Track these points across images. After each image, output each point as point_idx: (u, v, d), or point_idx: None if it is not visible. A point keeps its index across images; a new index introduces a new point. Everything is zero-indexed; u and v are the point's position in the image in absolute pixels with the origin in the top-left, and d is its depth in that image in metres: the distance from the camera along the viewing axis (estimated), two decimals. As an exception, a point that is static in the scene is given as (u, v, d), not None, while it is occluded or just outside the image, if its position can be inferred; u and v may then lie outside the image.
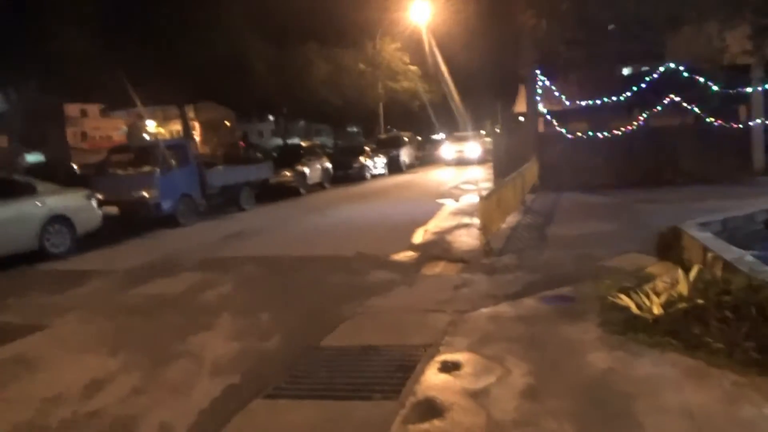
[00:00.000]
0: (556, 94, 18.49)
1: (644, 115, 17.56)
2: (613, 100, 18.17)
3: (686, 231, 6.15)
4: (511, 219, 10.60)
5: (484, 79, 36.54)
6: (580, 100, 18.59)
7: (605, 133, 17.60)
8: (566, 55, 19.83)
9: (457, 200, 14.94)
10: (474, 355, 4.35)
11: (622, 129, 17.52)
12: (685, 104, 17.05)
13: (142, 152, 14.05)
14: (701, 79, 17.01)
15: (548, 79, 18.20)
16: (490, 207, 8.44)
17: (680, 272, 4.80)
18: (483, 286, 6.44)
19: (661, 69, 17.86)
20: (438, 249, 8.84)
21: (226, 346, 5.08)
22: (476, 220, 11.21)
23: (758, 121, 16.57)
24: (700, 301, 4.37)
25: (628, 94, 18.09)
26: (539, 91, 18.20)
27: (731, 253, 4.90)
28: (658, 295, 4.80)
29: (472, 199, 14.94)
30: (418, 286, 6.78)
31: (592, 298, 5.55)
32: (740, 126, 16.72)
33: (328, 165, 22.21)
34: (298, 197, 18.62)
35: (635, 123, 17.60)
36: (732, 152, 16.48)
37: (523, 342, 4.54)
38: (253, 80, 24.94)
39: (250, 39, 23.25)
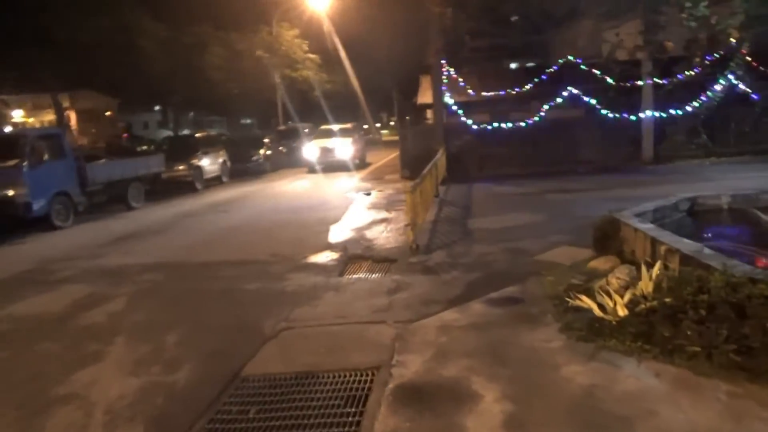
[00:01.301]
0: (462, 84, 18.42)
1: (545, 107, 17.91)
2: (515, 92, 18.44)
3: (626, 222, 5.91)
4: (429, 212, 10.14)
5: (384, 69, 36.31)
6: (483, 91, 18.67)
7: (509, 124, 17.78)
8: (471, 45, 19.89)
9: (368, 193, 14.31)
10: (434, 378, 3.71)
11: (526, 120, 17.78)
12: (583, 96, 17.58)
13: (6, 143, 12.05)
14: (597, 72, 17.63)
15: (453, 70, 18.07)
16: (416, 200, 7.87)
17: (643, 269, 4.45)
18: (420, 288, 5.83)
19: (560, 62, 18.34)
20: (359, 247, 8.15)
21: (122, 384, 4.07)
22: (393, 215, 10.69)
23: (648, 113, 17.42)
24: (668, 300, 4.02)
25: (530, 85, 18.43)
26: (445, 81, 18.03)
27: (687, 245, 4.64)
28: (619, 294, 4.43)
29: (385, 191, 14.42)
30: (347, 291, 6.04)
31: (542, 297, 5.13)
32: (632, 118, 17.48)
33: (226, 158, 20.75)
34: (195, 193, 17.12)
35: (537, 114, 17.93)
36: (625, 142, 17.26)
37: (485, 357, 3.96)
38: (139, 63, 22.76)
39: (135, 15, 21.15)
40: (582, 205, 10.37)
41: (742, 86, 16.54)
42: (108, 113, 43.67)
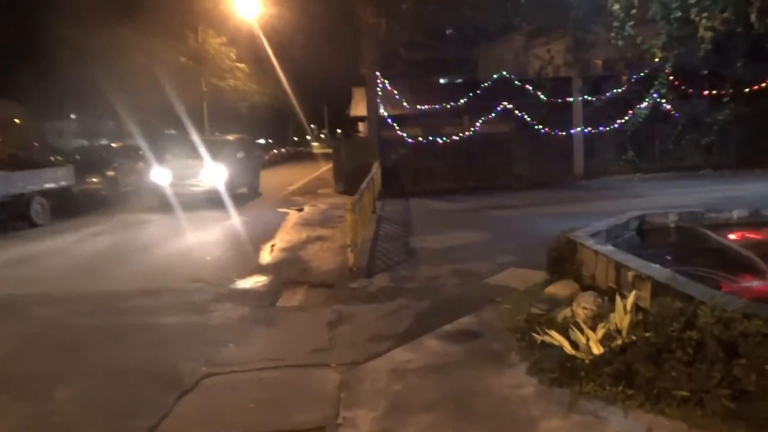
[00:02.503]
0: (397, 97, 18.04)
1: (479, 122, 17.84)
2: (449, 106, 18.26)
3: (583, 243, 5.52)
4: (367, 230, 9.53)
5: (315, 81, 35.59)
6: (417, 105, 18.37)
7: (444, 139, 17.56)
8: (406, 58, 19.59)
9: (301, 209, 13.53)
10: (392, 443, 3.07)
11: (460, 135, 17.63)
12: (516, 111, 17.64)
13: None
14: (530, 88, 17.73)
15: (388, 82, 17.67)
16: (356, 219, 7.24)
17: (617, 300, 4.00)
18: (364, 320, 5.18)
19: (494, 77, 18.34)
20: (294, 270, 7.41)
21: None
22: (329, 232, 10.00)
23: (578, 129, 17.69)
24: (650, 337, 3.58)
25: (464, 100, 18.30)
26: (380, 93, 17.60)
27: (659, 272, 4.26)
28: (590, 327, 3.96)
29: (319, 206, 13.69)
30: (281, 324, 5.30)
31: (501, 330, 4.61)
32: (563, 133, 17.69)
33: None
34: (109, 208, 15.69)
35: (471, 129, 17.82)
36: (557, 158, 17.43)
37: (449, 411, 3.36)
38: (47, 68, 20.88)
39: (46, 18, 19.40)
40: (523, 222, 10.11)
41: (665, 105, 17.07)
42: (17, 121, 40.42)
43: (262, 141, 41.78)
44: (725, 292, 4.34)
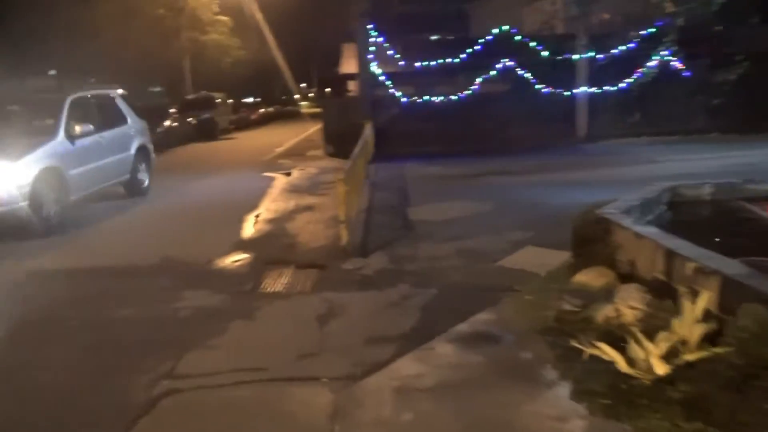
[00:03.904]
0: (389, 53, 16.88)
1: (477, 80, 16.79)
2: (445, 63, 17.13)
3: (619, 223, 4.69)
4: (361, 199, 8.66)
5: (303, 36, 34.00)
6: (410, 62, 17.22)
7: (440, 98, 16.53)
8: (398, 11, 18.33)
9: (289, 173, 12.59)
10: None
11: (457, 94, 16.61)
12: (516, 70, 16.58)
13: None
14: (531, 45, 16.63)
15: (381, 37, 16.49)
16: (348, 189, 6.35)
17: (686, 304, 3.19)
18: (361, 313, 4.36)
19: (494, 32, 17.16)
20: (279, 246, 6.56)
21: None
22: (319, 200, 9.12)
23: (582, 89, 16.70)
24: (726, 352, 2.79)
25: (461, 57, 17.16)
26: (372, 49, 16.43)
27: (729, 265, 3.45)
28: (646, 336, 3.16)
29: (308, 170, 12.75)
30: (263, 318, 4.47)
31: (528, 332, 3.80)
32: (566, 93, 16.70)
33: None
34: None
35: (469, 88, 16.78)
36: (559, 119, 16.45)
37: (477, 456, 2.57)
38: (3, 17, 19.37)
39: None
40: (529, 191, 9.26)
41: (674, 64, 16.11)
42: (-15, 77, 38.55)
43: (249, 99, 40.26)
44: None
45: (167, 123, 20.83)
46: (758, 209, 5.63)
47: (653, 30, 15.96)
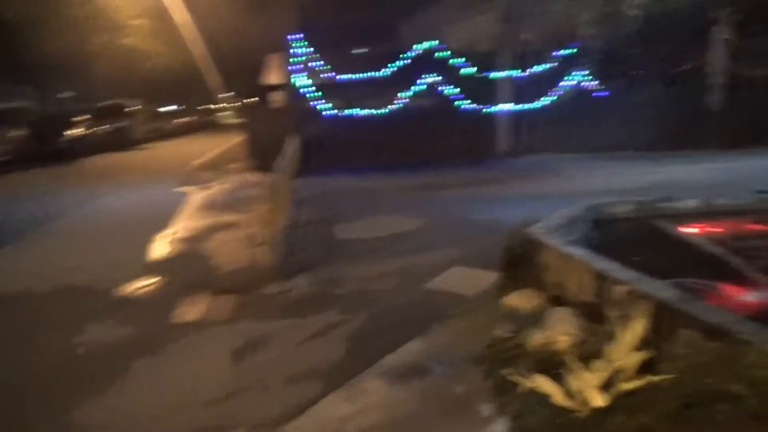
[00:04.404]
0: (319, 64, 16.61)
1: (404, 95, 16.85)
2: (372, 77, 17.10)
3: (546, 243, 4.62)
4: (285, 216, 8.28)
5: (228, 46, 32.97)
6: (338, 74, 17.06)
7: (367, 112, 16.45)
8: (329, 22, 18.09)
9: (207, 188, 11.97)
10: None
11: (384, 108, 16.59)
12: (442, 85, 16.78)
13: None
14: (456, 61, 16.91)
15: (309, 48, 16.20)
16: (272, 206, 6.00)
17: (619, 330, 3.09)
18: (282, 345, 4.03)
19: (420, 48, 17.29)
20: (194, 269, 6.08)
21: None
22: (241, 217, 8.65)
23: (505, 105, 17.11)
24: (666, 381, 2.70)
25: (388, 71, 17.18)
26: (298, 60, 16.12)
27: (659, 288, 3.40)
28: (581, 365, 3.03)
29: (229, 185, 12.18)
30: (171, 355, 4.03)
31: (461, 362, 3.60)
32: (490, 109, 17.07)
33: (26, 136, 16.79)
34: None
35: (396, 102, 16.81)
36: (484, 134, 16.77)
37: None
38: None
39: None
40: (458, 206, 9.22)
41: (592, 83, 16.82)
42: None
43: (170, 107, 38.63)
44: (718, 307, 3.57)
45: (77, 131, 19.50)
46: (678, 229, 5.77)
47: (573, 50, 16.66)
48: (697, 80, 16.66)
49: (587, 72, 16.71)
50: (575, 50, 16.57)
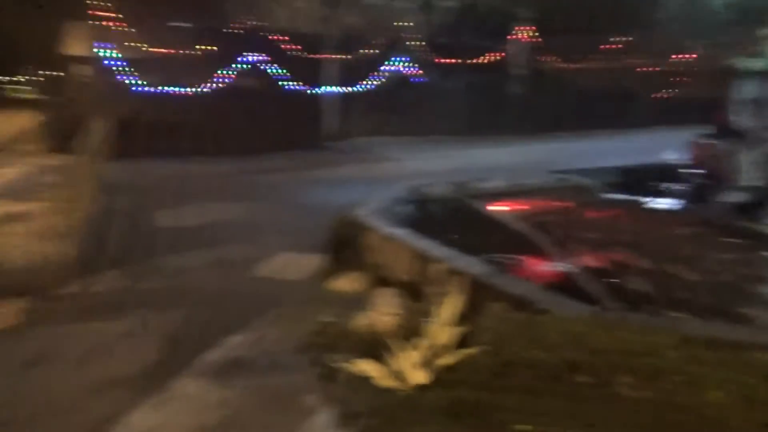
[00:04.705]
0: (129, 38, 15.10)
1: (226, 74, 16.10)
2: (191, 53, 16.05)
3: (369, 225, 4.70)
4: (93, 204, 7.42)
5: (24, 12, 28.67)
6: (154, 48, 15.72)
7: (186, 90, 15.41)
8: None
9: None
10: None
11: (204, 87, 15.69)
12: (265, 66, 16.33)
13: None
14: (280, 42, 16.56)
15: (117, 18, 14.62)
16: (75, 193, 5.30)
17: (438, 306, 3.20)
18: (84, 352, 3.56)
19: (241, 25, 16.59)
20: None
21: None
22: (36, 206, 7.57)
23: (330, 88, 17.20)
24: (482, 352, 2.87)
25: (210, 48, 16.24)
26: (105, 29, 14.52)
27: (475, 266, 3.60)
28: (402, 344, 3.11)
29: (20, 168, 10.59)
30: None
31: (289, 353, 3.50)
32: (316, 92, 17.05)
33: None
34: None
35: (217, 82, 15.99)
36: (310, 117, 16.68)
37: None
38: None
39: None
40: (286, 190, 9.07)
41: (412, 69, 17.59)
42: None
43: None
44: (523, 279, 3.93)
45: None
46: (487, 207, 6.23)
47: (392, 38, 17.25)
48: (505, 71, 18.28)
49: (408, 59, 17.44)
50: (398, 37, 17.18)
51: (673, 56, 17.26)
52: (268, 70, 16.29)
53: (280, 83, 16.40)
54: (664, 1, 15.04)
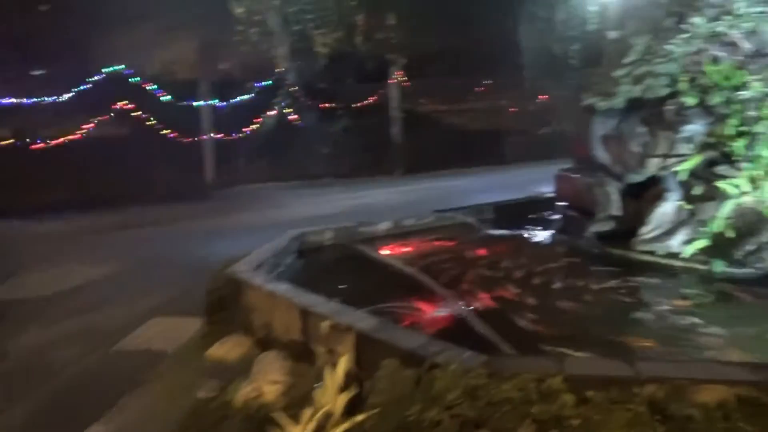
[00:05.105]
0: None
1: (94, 122, 15.08)
2: (60, 100, 14.84)
3: (249, 282, 4.36)
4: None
5: None
6: (7, 97, 14.35)
7: (48, 141, 14.22)
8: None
9: None
10: None
11: (69, 137, 14.56)
12: (136, 113, 15.48)
13: None
14: (153, 88, 15.82)
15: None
16: None
17: (327, 374, 2.95)
18: None
19: (111, 70, 15.61)
20: None
21: None
22: None
23: (208, 135, 16.65)
24: (371, 417, 2.65)
25: (71, 94, 15.10)
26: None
27: (362, 319, 3.39)
28: (294, 418, 2.82)
29: None
30: None
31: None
32: (193, 139, 16.43)
33: None
34: None
35: (81, 131, 14.90)
36: (188, 165, 15.99)
37: None
38: None
39: None
40: (161, 245, 8.45)
41: (290, 114, 17.50)
42: None
43: None
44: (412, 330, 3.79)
45: None
46: (373, 252, 6.10)
47: (269, 83, 17.10)
48: (380, 114, 18.73)
49: (286, 103, 17.32)
50: (272, 82, 17.06)
51: (540, 96, 18.69)
52: (142, 118, 15.48)
53: (155, 131, 15.62)
54: (523, 48, 16.30)
